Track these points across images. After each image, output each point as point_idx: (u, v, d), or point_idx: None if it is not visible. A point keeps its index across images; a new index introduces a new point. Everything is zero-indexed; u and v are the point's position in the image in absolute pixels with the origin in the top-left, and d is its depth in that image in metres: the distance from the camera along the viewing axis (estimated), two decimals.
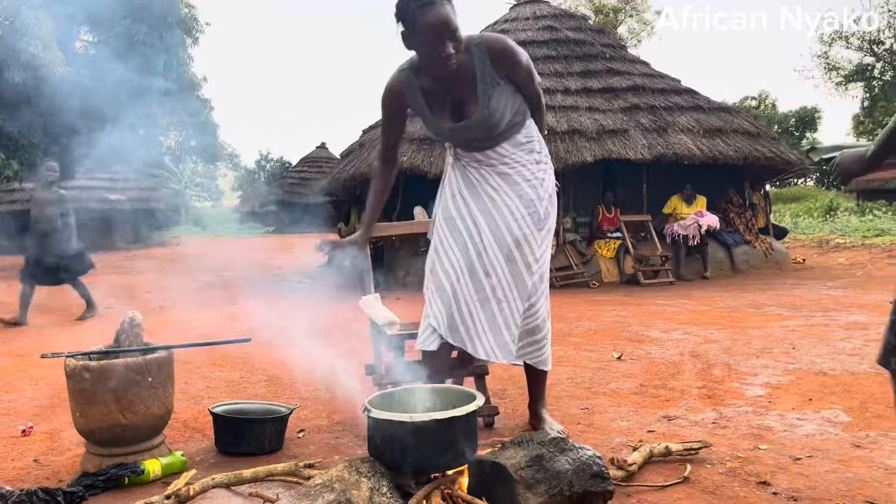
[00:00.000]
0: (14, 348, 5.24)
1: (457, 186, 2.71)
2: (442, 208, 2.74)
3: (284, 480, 2.27)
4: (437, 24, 2.33)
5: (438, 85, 2.55)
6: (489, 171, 2.66)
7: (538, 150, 2.73)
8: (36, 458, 2.73)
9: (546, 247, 2.71)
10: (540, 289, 2.71)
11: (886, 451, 2.69)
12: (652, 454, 2.56)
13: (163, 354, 2.59)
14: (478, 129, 2.57)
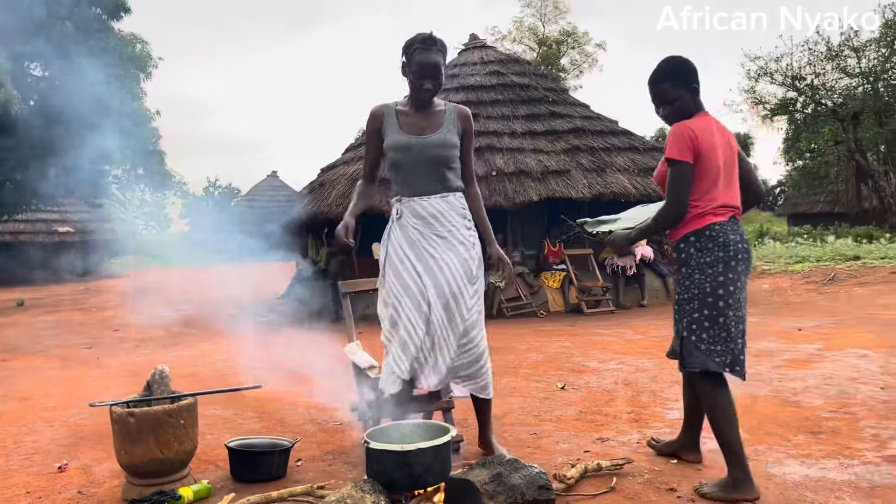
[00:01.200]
0: (16, 392, 5.65)
1: (402, 250, 3.24)
2: (391, 269, 3.26)
3: (301, 501, 2.87)
4: (427, 65, 3.18)
5: (413, 117, 3.29)
6: (429, 233, 3.22)
7: (469, 219, 3.38)
8: (79, 490, 3.25)
9: (478, 297, 3.30)
10: (472, 332, 3.25)
11: (769, 462, 3.42)
12: (587, 470, 3.24)
13: (190, 400, 3.16)
14: (435, 147, 3.23)
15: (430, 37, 3.24)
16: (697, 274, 2.96)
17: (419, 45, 3.21)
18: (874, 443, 3.63)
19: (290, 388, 5.07)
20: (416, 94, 3.28)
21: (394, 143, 3.26)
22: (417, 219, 3.24)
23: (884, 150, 22.82)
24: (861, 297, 10.22)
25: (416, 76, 3.21)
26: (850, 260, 13.83)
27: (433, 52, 3.20)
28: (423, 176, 3.25)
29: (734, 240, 2.96)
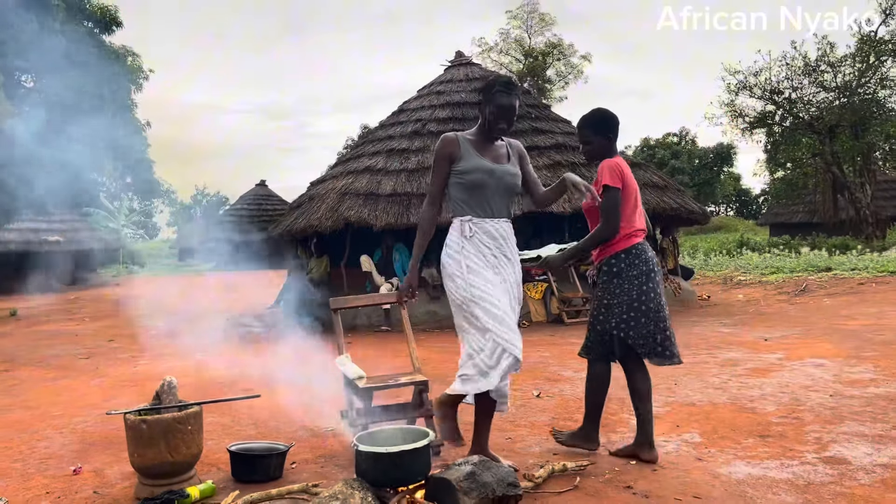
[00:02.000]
0: (22, 401, 5.95)
1: (481, 263, 3.49)
2: (476, 276, 3.45)
3: (298, 498, 3.22)
4: (506, 108, 3.56)
5: (483, 147, 3.62)
6: (500, 254, 3.54)
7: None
8: (95, 490, 3.58)
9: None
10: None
11: (719, 462, 3.80)
12: (554, 470, 3.61)
13: (196, 409, 3.50)
14: (511, 176, 3.58)
15: (510, 81, 3.61)
16: (626, 284, 3.72)
17: (501, 87, 3.54)
18: (815, 445, 4.02)
19: (282, 396, 5.40)
20: (490, 131, 3.61)
21: (478, 166, 3.53)
22: (490, 239, 3.52)
23: (859, 162, 23.46)
24: (828, 308, 10.68)
25: (494, 116, 3.55)
26: (822, 271, 14.33)
27: (512, 97, 3.56)
28: (499, 200, 3.56)
29: (651, 256, 3.81)
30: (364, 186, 11.17)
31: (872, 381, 5.55)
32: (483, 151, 3.59)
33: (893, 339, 7.46)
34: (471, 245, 3.51)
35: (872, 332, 8.07)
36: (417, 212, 10.54)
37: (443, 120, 12.42)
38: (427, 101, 13.23)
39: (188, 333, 10.76)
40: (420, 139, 12.04)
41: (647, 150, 48.30)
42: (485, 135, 3.64)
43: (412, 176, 11.17)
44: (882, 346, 7.07)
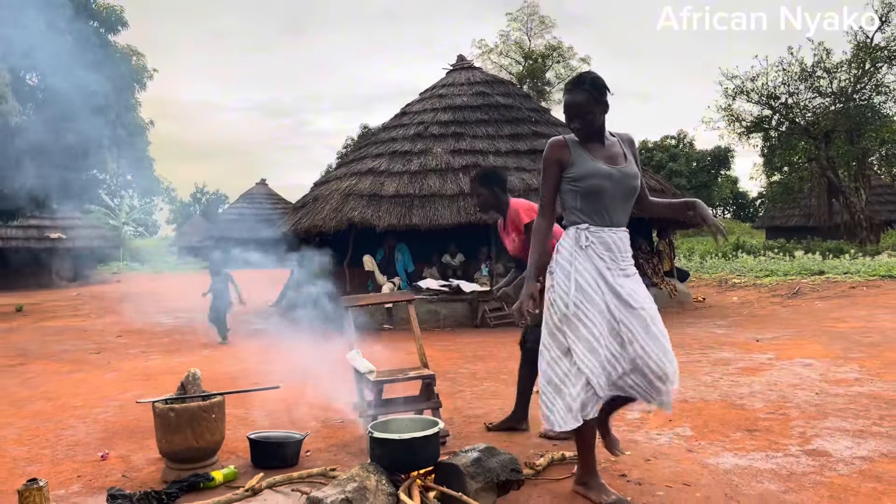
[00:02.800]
0: (41, 393, 6.18)
1: (592, 277, 3.18)
2: (582, 295, 3.16)
3: (316, 481, 3.46)
4: (569, 106, 3.24)
5: (594, 148, 3.24)
6: (616, 267, 3.21)
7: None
8: (123, 474, 3.82)
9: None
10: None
11: (708, 454, 4.05)
12: (553, 459, 3.85)
13: (219, 398, 3.75)
14: (632, 178, 3.22)
15: (577, 78, 3.31)
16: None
17: (566, 86, 3.31)
18: (799, 439, 4.26)
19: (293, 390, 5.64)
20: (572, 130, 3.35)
21: (594, 170, 3.19)
22: (606, 250, 3.21)
23: (854, 167, 23.75)
24: (819, 311, 10.94)
25: (566, 115, 3.29)
26: (815, 275, 14.59)
27: (574, 93, 3.22)
28: (619, 206, 3.23)
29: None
30: (367, 188, 11.41)
31: (857, 381, 5.81)
32: (596, 153, 3.24)
33: (880, 341, 7.72)
34: (584, 256, 3.21)
35: (861, 334, 8.33)
36: (419, 213, 10.80)
37: (445, 123, 12.67)
38: (429, 105, 13.48)
39: (193, 330, 11.02)
40: (422, 141, 12.28)
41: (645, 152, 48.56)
42: (581, 138, 3.29)
43: (414, 178, 11.42)
44: (869, 348, 7.33)
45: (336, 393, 5.06)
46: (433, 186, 11.16)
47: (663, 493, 3.41)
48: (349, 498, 2.88)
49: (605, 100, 3.25)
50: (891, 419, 4.61)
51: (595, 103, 3.22)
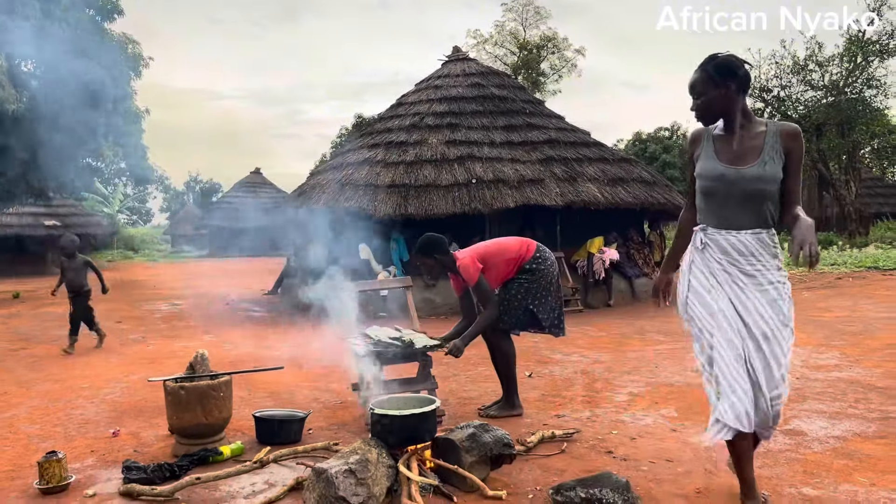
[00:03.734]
0: (48, 375, 6.36)
1: (707, 281, 3.00)
2: (698, 299, 3.02)
3: (320, 455, 3.66)
4: (690, 86, 3.03)
5: (729, 142, 2.98)
6: (736, 271, 2.93)
7: (780, 258, 2.99)
8: (135, 449, 4.01)
9: (790, 343, 2.95)
10: (784, 382, 2.96)
11: (691, 433, 4.26)
12: (543, 437, 4.06)
13: (227, 378, 3.93)
14: (752, 181, 2.89)
15: (703, 60, 3.03)
16: (540, 278, 4.72)
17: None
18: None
19: (294, 372, 5.85)
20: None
21: (705, 170, 3.01)
22: (723, 254, 2.96)
23: (845, 160, 24.02)
24: (806, 301, 11.17)
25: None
26: None
27: (695, 73, 3.00)
28: (735, 209, 2.94)
29: (546, 258, 4.80)
30: (363, 177, 11.57)
31: (836, 367, 6.04)
32: (723, 148, 3.00)
33: (862, 330, 7.95)
34: (700, 258, 3.05)
35: (844, 323, 8.57)
36: (415, 203, 10.96)
37: (440, 114, 12.82)
38: (425, 96, 13.63)
39: (192, 316, 11.19)
40: (418, 132, 12.44)
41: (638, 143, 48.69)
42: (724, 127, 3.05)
43: (410, 168, 11.58)
44: (850, 336, 7.57)
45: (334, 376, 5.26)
46: (428, 177, 11.32)
47: (647, 468, 3.62)
48: (352, 469, 3.07)
49: (727, 83, 2.93)
50: (866, 402, 4.83)
51: (712, 85, 2.95)
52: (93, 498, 3.29)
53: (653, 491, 3.27)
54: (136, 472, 3.45)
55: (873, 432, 4.14)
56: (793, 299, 2.99)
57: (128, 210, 44.77)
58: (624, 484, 3.02)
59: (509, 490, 3.28)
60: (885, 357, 6.38)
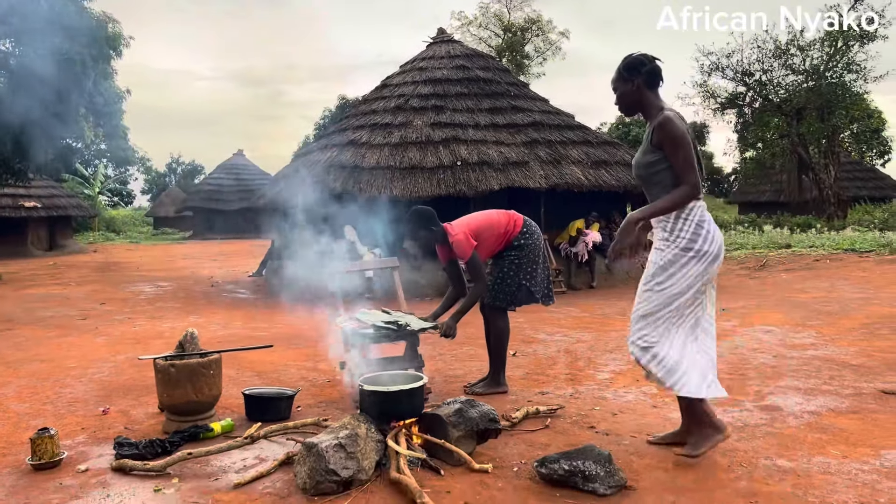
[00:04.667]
0: (35, 355, 6.36)
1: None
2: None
3: (310, 430, 3.74)
4: (611, 82, 3.46)
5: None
6: (655, 247, 3.40)
7: (668, 230, 3.31)
8: (125, 426, 4.06)
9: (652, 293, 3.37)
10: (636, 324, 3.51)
11: (671, 409, 4.38)
12: (528, 413, 4.16)
13: (216, 356, 3.99)
14: (634, 167, 3.44)
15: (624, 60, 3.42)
16: (529, 253, 4.79)
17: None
18: (755, 396, 4.62)
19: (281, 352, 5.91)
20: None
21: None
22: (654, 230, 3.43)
23: (825, 144, 24.26)
24: (784, 282, 11.38)
25: None
26: (782, 248, 15.07)
27: (613, 74, 3.42)
28: (647, 192, 3.43)
29: (532, 232, 4.85)
30: (349, 159, 11.57)
31: (812, 345, 6.20)
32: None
33: (838, 310, 8.14)
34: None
35: (821, 303, 8.76)
36: (400, 185, 10.99)
37: (425, 96, 12.82)
38: (410, 77, 13.61)
39: (177, 298, 11.19)
40: (403, 114, 12.44)
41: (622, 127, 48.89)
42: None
43: (395, 150, 11.59)
44: (826, 316, 7.74)
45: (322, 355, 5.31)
46: (413, 159, 11.35)
47: (628, 441, 3.73)
48: (342, 443, 3.15)
49: (634, 78, 3.33)
50: (840, 379, 4.98)
51: (622, 81, 3.38)
52: (85, 473, 3.35)
53: (634, 464, 3.37)
54: (128, 447, 3.51)
55: (846, 408, 4.28)
56: (671, 268, 3.29)
57: (109, 192, 44.27)
58: (606, 456, 3.12)
59: (495, 463, 3.37)
60: (859, 336, 6.55)
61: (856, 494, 2.96)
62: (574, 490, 3.03)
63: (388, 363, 4.57)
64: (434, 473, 3.26)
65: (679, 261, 3.28)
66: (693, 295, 3.31)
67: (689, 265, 3.27)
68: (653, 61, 3.37)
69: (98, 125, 20.16)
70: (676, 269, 3.28)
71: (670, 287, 3.30)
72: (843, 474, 3.19)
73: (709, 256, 3.27)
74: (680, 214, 3.28)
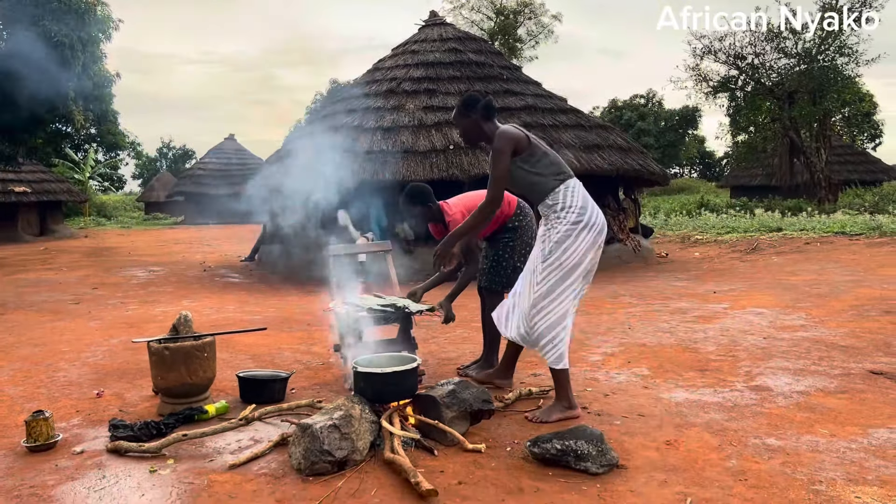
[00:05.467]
0: (27, 339, 6.35)
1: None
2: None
3: (304, 412, 3.76)
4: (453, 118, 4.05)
5: None
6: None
7: (545, 218, 3.84)
8: (120, 409, 4.08)
9: (543, 273, 3.75)
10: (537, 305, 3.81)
11: (662, 390, 4.42)
12: (521, 394, 4.19)
13: (210, 339, 4.00)
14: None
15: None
16: (523, 235, 4.78)
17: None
18: (745, 377, 4.66)
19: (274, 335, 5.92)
20: None
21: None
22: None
23: (816, 127, 24.33)
24: (775, 265, 11.46)
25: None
26: (773, 231, 15.15)
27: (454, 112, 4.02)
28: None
29: (524, 216, 4.82)
30: (340, 143, 11.52)
31: (802, 327, 6.25)
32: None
33: (828, 293, 8.20)
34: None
35: (811, 286, 8.82)
36: (392, 169, 10.98)
37: (417, 79, 12.77)
38: (402, 61, 13.55)
39: (169, 282, 11.18)
40: (395, 98, 12.40)
41: (614, 111, 48.89)
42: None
43: (388, 134, 11.57)
44: (816, 298, 7.81)
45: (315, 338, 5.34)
46: (406, 143, 11.32)
47: (620, 422, 3.77)
48: (336, 424, 3.17)
49: (470, 114, 3.90)
50: (829, 360, 5.04)
51: (461, 117, 3.95)
52: (81, 455, 3.36)
53: (625, 443, 3.41)
54: (123, 430, 3.52)
55: (835, 388, 4.33)
56: (566, 242, 3.71)
57: (99, 177, 43.98)
58: (598, 436, 3.16)
59: (488, 444, 3.40)
60: (848, 318, 6.62)
61: (844, 472, 3.01)
62: (566, 469, 3.07)
63: (382, 346, 4.59)
64: (428, 454, 3.29)
65: (571, 234, 3.71)
66: (587, 266, 3.76)
67: (581, 235, 3.71)
68: (486, 96, 4.01)
69: (88, 109, 19.97)
70: (570, 241, 3.70)
71: (567, 259, 3.71)
72: (831, 452, 3.24)
73: (596, 227, 3.76)
74: (566, 194, 3.76)
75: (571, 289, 3.75)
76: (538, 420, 3.75)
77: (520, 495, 2.85)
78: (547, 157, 3.81)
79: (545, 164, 3.80)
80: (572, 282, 3.74)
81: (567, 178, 3.81)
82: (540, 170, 3.79)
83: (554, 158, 3.87)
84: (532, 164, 3.78)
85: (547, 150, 3.86)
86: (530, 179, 3.80)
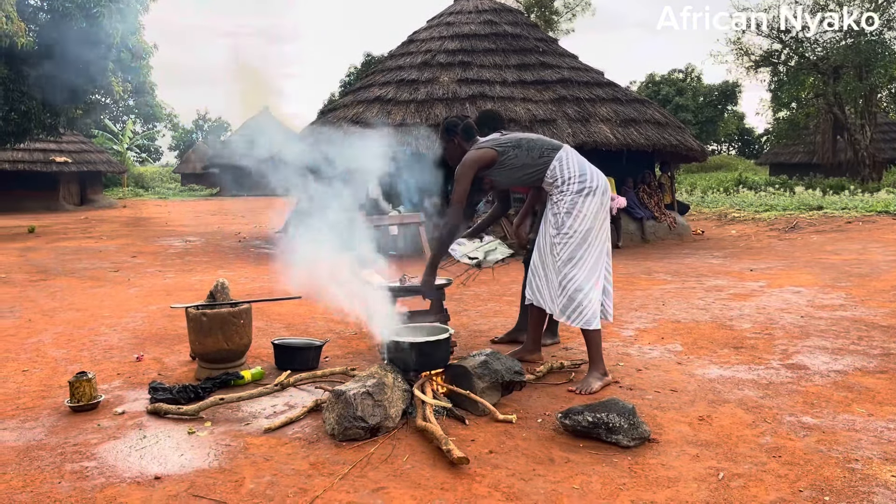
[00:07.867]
0: (69, 304, 6.53)
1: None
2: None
3: (338, 379, 3.81)
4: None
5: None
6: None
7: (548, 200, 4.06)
8: (159, 372, 4.18)
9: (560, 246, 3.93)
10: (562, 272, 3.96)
11: (695, 366, 4.39)
12: (552, 367, 4.19)
13: (246, 306, 4.06)
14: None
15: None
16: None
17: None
18: (781, 355, 4.60)
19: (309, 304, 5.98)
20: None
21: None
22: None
23: (861, 104, 23.64)
24: (814, 244, 11.23)
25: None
26: (814, 210, 14.82)
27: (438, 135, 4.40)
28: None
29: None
30: (374, 116, 11.53)
31: (841, 307, 6.13)
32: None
33: (869, 272, 8.02)
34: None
35: (851, 265, 8.64)
36: (425, 142, 10.95)
37: (452, 52, 12.67)
38: (437, 32, 13.44)
39: (206, 252, 11.35)
40: (429, 70, 12.32)
41: (651, 86, 47.99)
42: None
43: (421, 107, 11.52)
44: (857, 278, 7.64)
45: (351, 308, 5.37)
46: (440, 115, 11.26)
47: (652, 396, 3.75)
48: (370, 391, 3.21)
49: (452, 138, 4.20)
50: (868, 339, 4.94)
51: (444, 140, 4.26)
52: (122, 415, 3.46)
53: (657, 418, 3.40)
54: (163, 392, 3.61)
55: (874, 367, 4.25)
56: (574, 210, 3.87)
57: (137, 148, 44.65)
58: (630, 409, 3.15)
59: (519, 415, 3.42)
60: (890, 298, 6.47)
61: (881, 451, 2.96)
62: (597, 441, 3.07)
63: (415, 316, 4.61)
64: (459, 423, 3.32)
65: (577, 202, 3.86)
66: (599, 227, 3.91)
67: (587, 201, 3.86)
68: (465, 120, 4.27)
69: (126, 80, 20.22)
70: (577, 209, 3.86)
71: (580, 227, 3.87)
72: (868, 431, 3.19)
73: (599, 189, 3.90)
74: (560, 167, 3.90)
75: (589, 253, 3.89)
76: (584, 392, 3.79)
77: (550, 465, 2.86)
78: (521, 148, 3.96)
79: (524, 154, 3.95)
80: (588, 245, 3.89)
81: (555, 152, 3.96)
82: (522, 161, 3.96)
83: (532, 143, 4.00)
84: (510, 164, 3.97)
85: (520, 141, 3.99)
86: (518, 174, 4.00)
